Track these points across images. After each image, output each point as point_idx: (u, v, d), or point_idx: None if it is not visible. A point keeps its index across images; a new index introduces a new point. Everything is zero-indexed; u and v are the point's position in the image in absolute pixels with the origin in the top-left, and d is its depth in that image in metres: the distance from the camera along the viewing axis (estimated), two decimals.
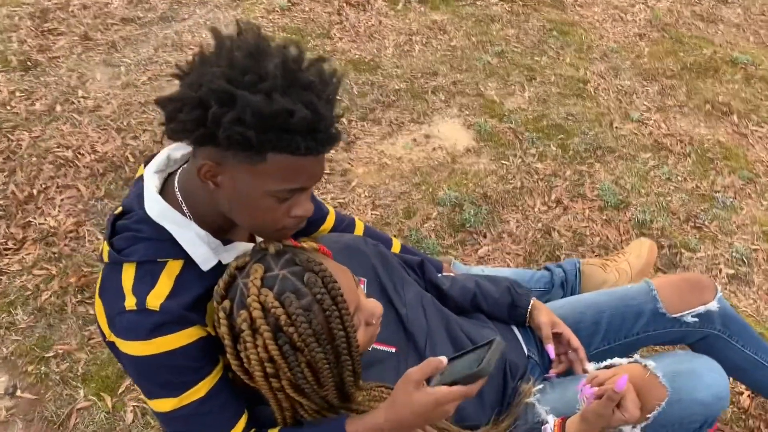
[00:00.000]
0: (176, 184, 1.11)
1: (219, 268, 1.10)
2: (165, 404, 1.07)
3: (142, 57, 2.86)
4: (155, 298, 1.03)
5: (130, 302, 1.03)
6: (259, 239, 1.22)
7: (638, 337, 1.52)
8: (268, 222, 1.06)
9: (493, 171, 2.43)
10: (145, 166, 1.25)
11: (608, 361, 1.31)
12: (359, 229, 1.55)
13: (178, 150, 1.17)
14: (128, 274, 1.06)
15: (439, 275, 1.55)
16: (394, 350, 1.31)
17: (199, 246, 1.07)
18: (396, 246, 1.58)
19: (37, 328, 1.75)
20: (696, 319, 1.48)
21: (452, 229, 2.17)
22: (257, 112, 0.92)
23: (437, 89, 2.83)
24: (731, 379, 1.55)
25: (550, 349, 1.45)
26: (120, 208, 1.15)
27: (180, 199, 1.09)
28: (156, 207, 1.07)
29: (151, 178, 1.11)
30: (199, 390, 1.07)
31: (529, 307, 1.52)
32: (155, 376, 1.06)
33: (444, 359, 1.11)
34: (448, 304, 1.50)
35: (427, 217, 2.20)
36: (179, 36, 3.02)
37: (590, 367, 1.33)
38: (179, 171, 1.13)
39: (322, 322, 1.02)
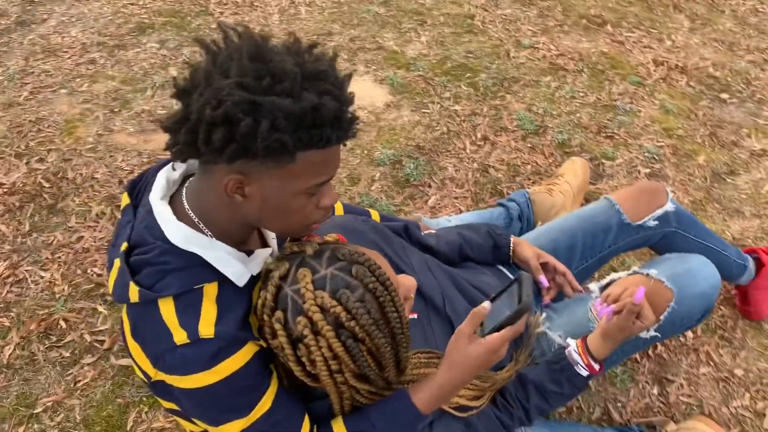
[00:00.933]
0: (186, 205, 1.06)
1: (251, 280, 1.08)
2: (234, 427, 1.06)
3: (13, 70, 2.59)
4: (206, 326, 1.00)
5: (181, 336, 0.99)
6: (272, 240, 1.20)
7: (610, 249, 1.66)
8: (301, 220, 1.05)
9: (418, 121, 2.48)
10: (130, 194, 1.19)
11: (608, 278, 1.43)
12: (338, 209, 1.55)
13: (174, 171, 1.12)
14: (167, 308, 1.01)
15: (423, 234, 1.60)
16: (416, 316, 1.36)
17: (233, 263, 1.05)
18: (375, 216, 1.60)
19: (12, 386, 1.62)
20: (656, 222, 1.63)
21: (399, 187, 2.21)
22: (289, 115, 0.90)
23: (337, 49, 2.81)
24: None
25: (543, 279, 1.56)
26: (125, 244, 1.09)
27: (196, 220, 1.05)
28: (179, 234, 1.02)
29: (162, 206, 1.05)
30: (265, 403, 1.07)
31: (511, 245, 1.61)
32: (221, 402, 1.04)
33: (486, 305, 1.17)
34: (440, 260, 1.55)
35: (372, 179, 2.23)
36: (47, 40, 2.76)
37: (593, 287, 1.45)
38: (185, 192, 1.08)
39: (378, 308, 1.04)
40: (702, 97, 2.80)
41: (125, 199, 1.20)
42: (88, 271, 1.88)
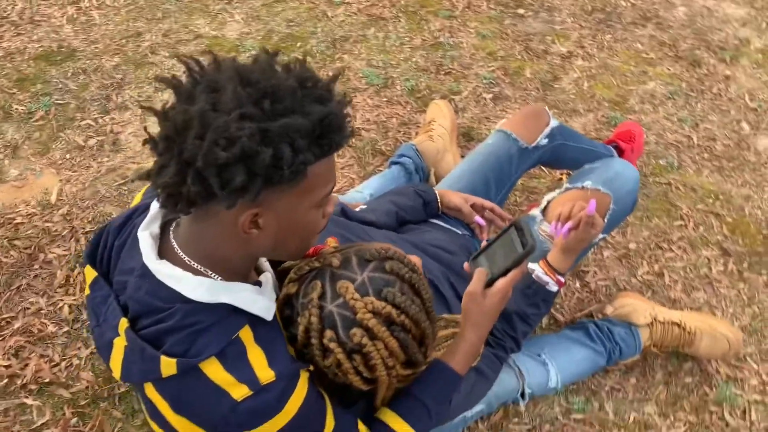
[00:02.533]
0: (184, 256, 0.99)
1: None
2: None
3: None
4: (263, 371, 0.96)
5: (241, 391, 0.94)
6: (265, 263, 1.15)
7: (517, 174, 1.81)
8: (312, 235, 1.03)
9: None
10: (93, 265, 1.08)
11: (545, 201, 1.57)
12: None
13: (153, 224, 1.02)
14: (214, 369, 0.95)
15: (357, 210, 1.61)
16: None
17: (258, 300, 1.00)
18: None
19: None
20: (546, 140, 1.81)
21: None
22: (305, 132, 0.87)
23: (154, 48, 2.60)
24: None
25: (479, 219, 1.66)
26: (124, 320, 0.98)
27: (201, 268, 0.98)
28: (203, 289, 0.96)
29: (166, 266, 0.97)
30: (330, 422, 1.06)
31: (438, 198, 1.69)
32: None
33: (485, 265, 1.24)
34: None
35: None
36: None
37: (535, 212, 1.58)
38: (175, 242, 1.00)
39: (415, 294, 1.07)
40: (504, 16, 3.05)
41: (91, 272, 1.08)
42: None
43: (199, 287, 0.95)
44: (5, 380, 1.60)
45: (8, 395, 1.58)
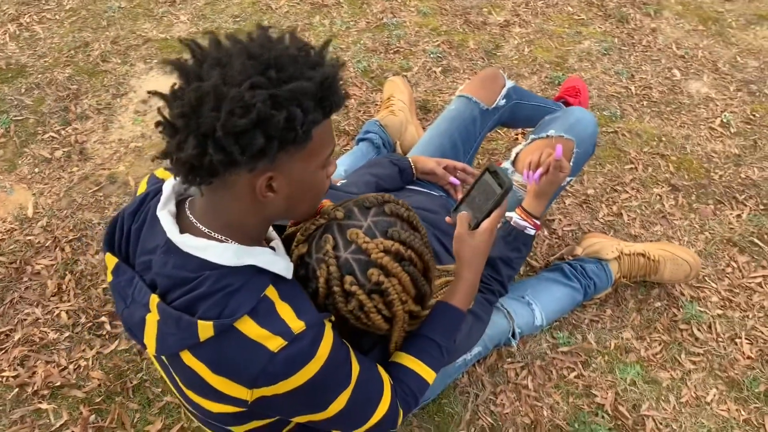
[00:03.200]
0: (203, 228, 1.06)
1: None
2: (341, 400, 1.12)
3: None
4: (293, 322, 1.04)
5: (277, 342, 1.02)
6: (272, 232, 1.22)
7: (481, 135, 1.93)
8: (320, 195, 1.11)
9: None
10: (113, 251, 1.13)
11: (513, 153, 1.69)
12: None
13: (169, 204, 1.09)
14: (249, 326, 1.02)
15: (339, 185, 1.70)
16: None
17: (278, 261, 1.08)
18: None
19: None
20: (504, 100, 1.93)
21: None
22: (310, 95, 0.95)
23: (105, 56, 2.61)
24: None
25: (453, 180, 1.77)
26: (154, 296, 1.05)
27: (222, 237, 1.06)
28: (230, 253, 1.03)
29: (190, 238, 1.03)
30: (355, 365, 1.14)
31: (412, 164, 1.79)
32: (329, 383, 1.09)
33: (466, 212, 1.35)
34: None
35: None
36: None
37: (506, 164, 1.69)
38: (193, 217, 1.07)
39: (414, 230, 1.17)
40: None
41: (111, 259, 1.14)
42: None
43: (225, 252, 1.03)
44: (16, 390, 1.63)
45: (21, 403, 1.61)
